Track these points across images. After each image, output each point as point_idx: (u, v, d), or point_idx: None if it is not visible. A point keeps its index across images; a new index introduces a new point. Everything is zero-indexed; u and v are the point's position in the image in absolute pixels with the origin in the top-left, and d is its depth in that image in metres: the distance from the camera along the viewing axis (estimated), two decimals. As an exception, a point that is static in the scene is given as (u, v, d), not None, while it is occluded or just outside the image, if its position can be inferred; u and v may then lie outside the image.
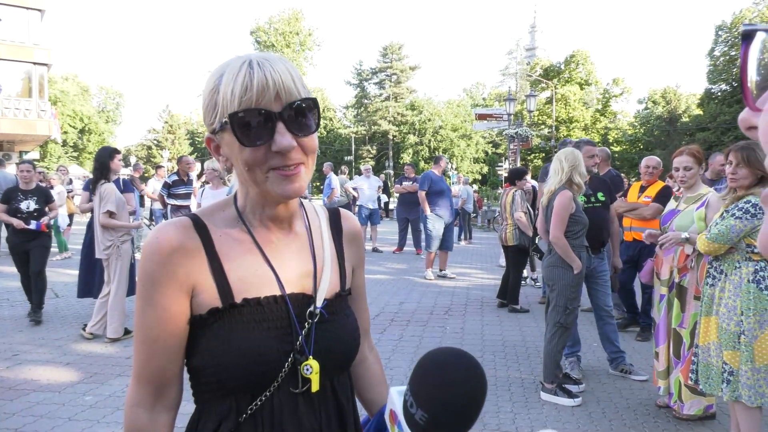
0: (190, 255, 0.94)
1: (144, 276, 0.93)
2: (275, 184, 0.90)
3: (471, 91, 60.95)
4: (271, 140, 0.87)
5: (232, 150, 0.91)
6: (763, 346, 2.90)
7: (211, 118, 0.92)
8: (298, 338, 0.96)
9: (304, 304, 0.99)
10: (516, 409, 3.92)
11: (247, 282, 0.96)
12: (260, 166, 0.89)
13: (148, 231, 9.20)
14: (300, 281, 1.01)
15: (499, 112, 25.68)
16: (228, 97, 0.87)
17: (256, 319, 0.93)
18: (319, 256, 1.05)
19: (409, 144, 48.66)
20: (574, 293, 3.97)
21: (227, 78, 0.88)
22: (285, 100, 0.87)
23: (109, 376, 4.43)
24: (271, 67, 0.87)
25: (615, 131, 45.92)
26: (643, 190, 5.64)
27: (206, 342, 0.93)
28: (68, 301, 7.06)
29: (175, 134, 55.52)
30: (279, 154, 0.88)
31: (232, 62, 0.90)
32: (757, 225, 2.93)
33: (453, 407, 0.81)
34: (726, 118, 34.66)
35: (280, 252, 1.01)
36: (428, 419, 0.80)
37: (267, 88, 0.86)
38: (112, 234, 5.34)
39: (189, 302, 0.94)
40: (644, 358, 4.99)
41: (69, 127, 48.77)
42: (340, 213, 1.17)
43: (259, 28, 49.41)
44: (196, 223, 0.97)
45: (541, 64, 49.20)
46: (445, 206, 8.85)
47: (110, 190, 5.29)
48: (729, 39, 36.25)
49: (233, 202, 1.02)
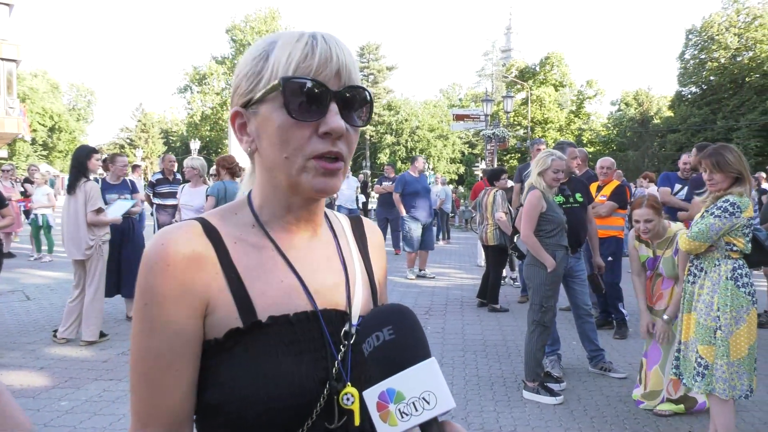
0: (203, 265, 0.78)
1: (147, 293, 0.77)
2: (312, 176, 0.78)
3: (447, 91, 61.25)
4: (321, 120, 0.76)
5: (267, 126, 0.78)
6: (738, 342, 2.97)
7: (250, 85, 0.79)
8: (335, 363, 0.81)
9: (338, 322, 0.84)
10: (499, 408, 3.94)
11: (272, 296, 0.81)
12: (302, 149, 0.76)
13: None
14: (331, 294, 0.86)
15: (476, 113, 25.87)
16: (283, 62, 0.76)
17: (285, 342, 0.78)
18: (349, 266, 0.91)
19: (386, 144, 48.70)
20: (549, 291, 4.01)
21: (284, 43, 0.77)
22: (344, 81, 0.78)
23: (85, 380, 4.33)
24: (336, 43, 0.78)
25: (589, 132, 46.62)
26: (600, 189, 6.03)
27: (225, 371, 0.77)
28: (40, 304, 6.89)
29: (149, 133, 54.68)
30: (325, 138, 0.76)
31: (289, 32, 0.80)
32: (736, 223, 3.00)
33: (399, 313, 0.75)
34: (696, 120, 35.46)
35: (306, 259, 0.87)
36: (392, 329, 0.72)
37: (330, 60, 0.76)
38: (95, 233, 5.23)
39: (202, 323, 0.78)
40: (622, 356, 5.06)
41: (38, 125, 47.67)
42: (363, 221, 1.04)
43: (235, 26, 48.91)
44: (206, 227, 0.82)
45: (517, 65, 49.72)
46: (422, 207, 8.85)
47: (95, 188, 5.24)
48: (699, 43, 37.08)
49: (247, 202, 0.88)
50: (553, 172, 4.03)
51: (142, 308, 0.78)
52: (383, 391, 0.70)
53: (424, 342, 0.73)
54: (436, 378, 0.69)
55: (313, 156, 0.77)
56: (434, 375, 0.69)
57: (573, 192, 4.71)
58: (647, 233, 3.71)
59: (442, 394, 0.68)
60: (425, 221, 8.90)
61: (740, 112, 33.92)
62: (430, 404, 0.68)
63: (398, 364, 0.70)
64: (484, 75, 57.54)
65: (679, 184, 6.19)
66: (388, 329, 0.72)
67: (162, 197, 7.53)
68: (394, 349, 0.71)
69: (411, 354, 0.71)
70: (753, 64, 34.64)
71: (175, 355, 0.77)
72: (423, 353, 0.71)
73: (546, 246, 4.03)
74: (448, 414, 0.72)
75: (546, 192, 4.08)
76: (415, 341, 0.73)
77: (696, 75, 37.43)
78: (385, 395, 0.70)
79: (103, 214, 5.29)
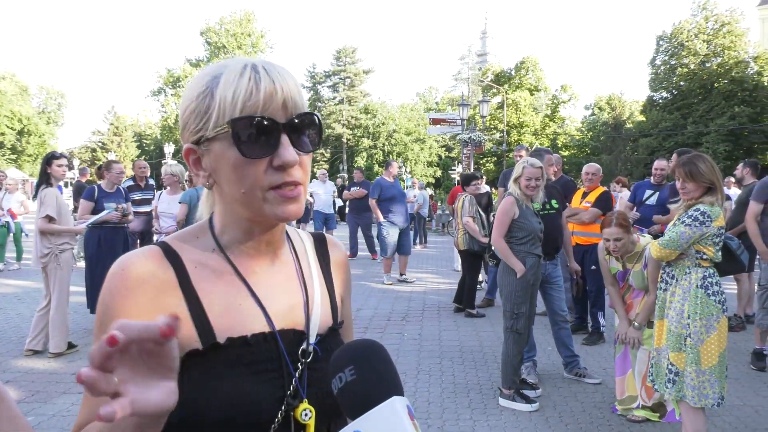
0: (163, 289, 0.81)
1: (105, 315, 0.79)
2: (275, 206, 0.80)
3: (424, 95, 61.48)
4: (273, 154, 0.77)
5: (221, 163, 0.80)
6: (708, 350, 3.01)
7: (199, 124, 0.80)
8: (292, 381, 0.84)
9: (296, 342, 0.87)
10: (475, 416, 3.94)
11: (231, 318, 0.83)
12: (259, 183, 0.78)
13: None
14: (290, 315, 0.89)
15: (452, 117, 25.97)
16: (228, 101, 0.76)
17: (243, 362, 0.81)
18: (309, 286, 0.94)
19: (363, 147, 48.69)
20: (520, 298, 4.03)
21: (227, 80, 0.78)
22: (291, 112, 0.79)
23: (52, 394, 4.21)
24: (278, 73, 0.79)
25: (563, 136, 47.27)
26: (585, 195, 5.98)
27: (185, 391, 0.74)
28: (7, 314, 6.70)
29: (122, 136, 53.74)
30: (280, 171, 0.78)
31: (230, 64, 0.80)
32: (706, 232, 3.05)
33: (364, 350, 0.75)
34: (667, 125, 36.22)
35: (266, 283, 0.89)
36: (353, 369, 0.72)
37: (275, 94, 0.77)
38: (51, 241, 5.07)
39: None
40: (597, 362, 5.11)
41: (6, 128, 46.53)
42: (326, 239, 1.07)
43: (210, 29, 48.50)
44: (167, 251, 0.84)
45: (493, 69, 50.17)
46: (398, 212, 8.84)
47: (50, 195, 5.05)
48: (669, 49, 37.89)
49: (208, 226, 0.90)
50: (525, 179, 4.06)
51: (101, 330, 0.79)
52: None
53: (388, 380, 0.72)
54: (398, 419, 0.68)
55: (270, 188, 0.79)
56: (396, 416, 0.68)
57: (549, 198, 4.74)
58: (617, 251, 3.76)
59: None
60: (402, 226, 8.90)
61: (709, 117, 34.76)
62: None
63: (362, 406, 0.69)
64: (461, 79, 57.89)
65: (650, 190, 6.28)
66: (349, 370, 0.72)
67: (134, 204, 7.35)
68: (357, 390, 0.71)
69: (373, 395, 0.70)
70: (721, 70, 35.54)
71: None
72: (386, 392, 0.70)
73: (516, 252, 4.05)
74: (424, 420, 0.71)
75: (521, 199, 4.10)
76: (378, 381, 0.72)
77: (667, 80, 38.24)
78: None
79: (61, 222, 5.10)
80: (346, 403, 0.72)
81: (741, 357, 5.23)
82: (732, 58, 35.38)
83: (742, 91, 34.93)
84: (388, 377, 0.73)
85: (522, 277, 4.00)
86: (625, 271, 3.86)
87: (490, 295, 7.50)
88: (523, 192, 4.09)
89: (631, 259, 3.82)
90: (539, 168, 4.07)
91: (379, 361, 0.74)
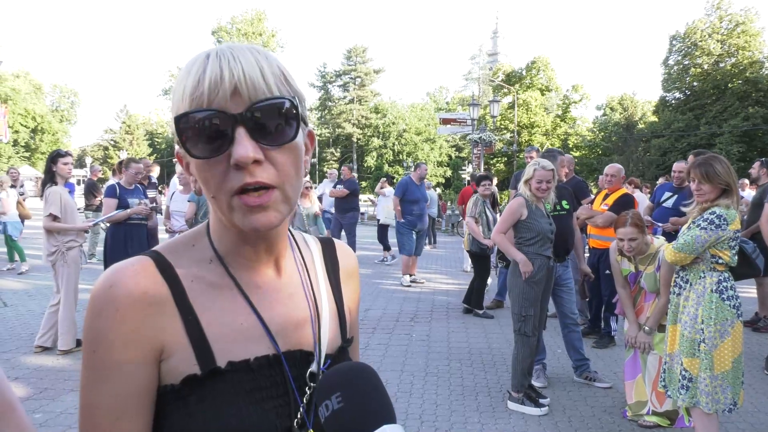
0: (157, 307, 0.72)
1: (94, 339, 0.70)
2: (240, 216, 0.69)
3: (434, 95, 61.43)
4: (227, 151, 0.67)
5: (191, 167, 0.72)
6: (722, 355, 2.96)
7: (174, 127, 0.72)
8: (299, 410, 0.76)
9: (303, 364, 0.79)
10: (483, 419, 3.89)
11: (231, 339, 0.75)
12: (221, 187, 0.68)
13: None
14: (296, 334, 0.81)
15: (462, 117, 25.90)
16: (178, 98, 0.68)
17: (245, 389, 0.73)
18: (318, 301, 0.86)
19: (373, 147, 48.72)
20: (528, 301, 3.98)
21: (182, 74, 0.69)
22: (248, 99, 0.67)
23: (60, 391, 4.22)
24: (231, 56, 0.67)
25: (575, 136, 46.99)
26: (606, 197, 5.83)
27: (180, 421, 0.71)
28: (17, 310, 6.73)
29: (134, 135, 54.17)
30: (239, 170, 0.67)
31: (192, 58, 0.71)
32: (721, 235, 2.98)
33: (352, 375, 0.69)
34: (680, 126, 35.87)
35: (269, 297, 0.80)
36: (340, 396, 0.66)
37: (221, 81, 0.66)
38: (57, 239, 5.09)
39: (157, 370, 0.72)
40: (608, 366, 5.05)
41: (20, 126, 47.03)
42: (335, 245, 0.97)
43: (221, 28, 48.69)
44: (160, 263, 0.75)
45: (504, 69, 49.98)
46: (418, 215, 8.81)
47: (54, 194, 5.06)
48: (682, 49, 37.53)
49: (205, 232, 0.81)
50: (536, 182, 4.02)
51: (89, 356, 0.71)
52: None
53: (378, 408, 0.66)
54: None
55: (234, 192, 0.68)
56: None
57: (559, 199, 4.69)
58: (631, 251, 3.70)
59: None
60: (419, 229, 8.87)
61: (723, 118, 34.39)
62: None
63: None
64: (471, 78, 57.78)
65: (669, 192, 6.20)
66: (336, 397, 0.66)
67: None
68: (345, 420, 0.65)
69: (363, 423, 0.64)
70: (735, 70, 35.16)
71: (123, 409, 0.71)
72: (374, 421, 0.65)
73: (525, 254, 4.01)
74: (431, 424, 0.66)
75: (531, 200, 4.06)
76: (367, 407, 0.66)
77: (680, 81, 37.88)
78: None
79: (65, 220, 5.10)
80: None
81: (755, 362, 5.14)
82: (746, 59, 34.97)
83: (757, 91, 34.53)
84: (379, 404, 0.67)
85: (530, 279, 3.95)
86: (637, 273, 3.80)
87: (500, 296, 7.45)
88: (534, 194, 4.05)
89: (643, 261, 3.76)
90: (550, 170, 4.02)
91: (368, 386, 0.68)
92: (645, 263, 3.75)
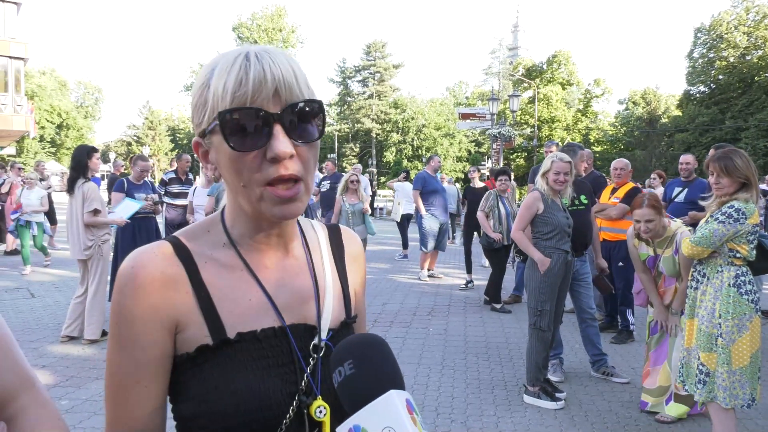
0: (173, 286, 0.81)
1: (118, 313, 0.80)
2: (270, 206, 0.77)
3: (454, 89, 61.06)
4: (266, 146, 0.75)
5: (220, 157, 0.78)
6: (740, 350, 2.94)
7: (200, 117, 0.79)
8: (304, 376, 0.84)
9: (307, 336, 0.86)
10: (499, 412, 3.92)
11: (241, 314, 0.83)
12: (254, 178, 0.76)
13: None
14: (300, 309, 0.88)
15: (482, 112, 25.80)
16: (219, 93, 0.75)
17: (253, 357, 0.81)
18: (320, 280, 0.93)
19: (393, 142, 48.68)
20: (544, 296, 3.98)
21: (219, 71, 0.76)
22: (285, 101, 0.75)
23: (86, 379, 4.34)
24: (270, 60, 0.75)
25: (596, 131, 46.40)
26: (615, 191, 5.89)
27: (196, 386, 0.80)
28: (44, 302, 6.92)
29: (156, 130, 54.81)
30: (274, 164, 0.75)
31: (227, 54, 0.78)
32: (740, 229, 2.96)
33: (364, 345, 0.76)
34: (704, 120, 35.22)
35: (277, 277, 0.88)
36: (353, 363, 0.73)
37: (264, 83, 0.74)
38: (94, 234, 5.26)
39: (173, 340, 0.81)
40: (625, 361, 5.02)
41: (46, 122, 47.97)
42: (341, 231, 1.04)
43: (242, 24, 48.95)
44: (177, 247, 0.84)
45: (524, 63, 49.46)
46: (439, 205, 8.83)
47: (94, 189, 5.25)
48: (708, 41, 36.80)
49: (220, 219, 0.89)
50: (554, 174, 4.00)
51: (114, 327, 0.81)
52: (351, 428, 0.70)
53: (387, 374, 0.73)
54: (395, 413, 0.68)
55: (266, 183, 0.76)
56: (393, 410, 0.68)
57: (578, 194, 4.67)
58: (648, 233, 3.67)
59: (401, 430, 0.67)
60: (442, 220, 8.87)
61: (749, 112, 33.67)
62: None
63: (361, 400, 0.70)
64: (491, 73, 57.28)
65: (679, 187, 6.14)
66: (348, 364, 0.73)
67: (173, 196, 7.61)
68: (356, 385, 0.72)
69: (372, 388, 0.70)
70: (762, 63, 34.35)
71: (143, 373, 0.80)
72: (384, 386, 0.70)
73: (543, 249, 4.01)
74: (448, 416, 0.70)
75: (547, 194, 4.05)
76: (377, 373, 0.72)
77: (704, 74, 37.17)
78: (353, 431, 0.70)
79: (102, 214, 5.30)
80: (345, 397, 0.72)
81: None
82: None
83: (784, 85, 33.75)
84: (388, 371, 0.73)
85: (547, 273, 3.95)
86: (656, 257, 3.77)
87: (518, 291, 7.45)
88: (551, 187, 4.04)
89: (661, 244, 3.73)
90: (568, 163, 4.01)
91: (378, 355, 0.74)
92: (663, 246, 3.72)
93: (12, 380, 0.81)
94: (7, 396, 0.79)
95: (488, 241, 6.92)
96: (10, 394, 0.80)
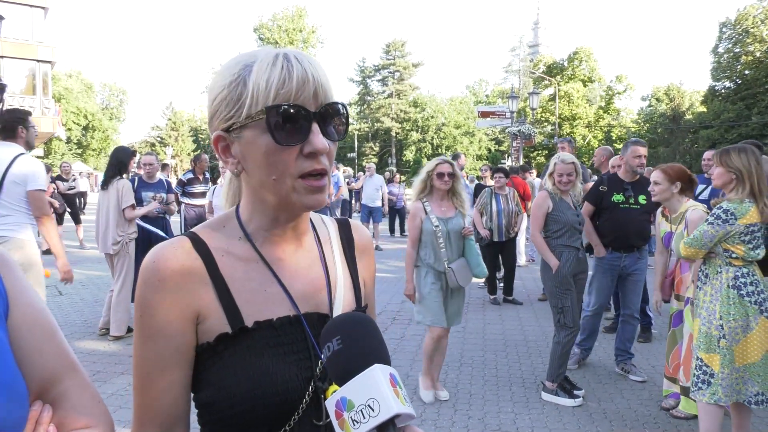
0: (192, 278, 0.85)
1: (142, 305, 0.85)
2: (301, 195, 0.83)
3: (474, 88, 60.84)
4: (304, 141, 0.80)
5: (252, 150, 0.82)
6: (745, 348, 2.90)
7: (231, 111, 0.82)
8: (319, 363, 0.87)
9: (320, 325, 0.88)
10: (517, 409, 3.93)
11: (257, 303, 0.88)
12: (289, 170, 0.81)
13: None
14: (314, 299, 0.93)
15: (502, 110, 25.63)
16: (261, 89, 0.79)
17: (270, 344, 0.86)
18: (331, 271, 0.98)
19: (412, 141, 48.68)
20: (562, 293, 4.02)
21: (260, 68, 0.80)
22: (321, 100, 0.82)
23: (111, 374, 4.46)
24: (309, 62, 0.81)
25: (618, 128, 45.82)
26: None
27: (216, 372, 0.85)
28: (72, 299, 7.10)
29: (179, 131, 55.62)
30: (310, 158, 0.81)
31: (261, 53, 0.83)
32: (730, 230, 2.93)
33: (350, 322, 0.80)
34: (730, 116, 34.56)
35: (291, 268, 0.93)
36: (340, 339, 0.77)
37: (307, 82, 0.80)
38: (123, 230, 5.43)
39: (194, 330, 0.86)
40: (645, 359, 4.99)
41: (73, 124, 48.92)
42: (350, 224, 1.09)
43: (263, 25, 49.41)
44: (196, 242, 0.89)
45: (544, 60, 49.09)
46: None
47: (128, 185, 5.48)
48: (733, 36, 36.11)
49: (235, 215, 0.94)
50: (557, 175, 4.08)
51: (138, 319, 0.86)
52: (338, 400, 0.74)
53: (372, 349, 0.76)
54: (377, 385, 0.71)
55: (299, 175, 0.82)
56: (376, 383, 0.72)
57: (636, 193, 4.61)
58: (655, 196, 3.79)
59: (384, 402, 0.70)
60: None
61: (776, 107, 32.96)
62: (375, 411, 0.70)
63: (348, 373, 0.74)
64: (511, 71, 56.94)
65: (703, 185, 6.07)
66: (336, 339, 0.77)
67: (191, 197, 7.72)
68: (343, 359, 0.75)
69: (357, 362, 0.74)
70: (791, 57, 33.61)
71: (167, 362, 0.85)
72: (369, 361, 0.74)
73: (552, 247, 4.07)
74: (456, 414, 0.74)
75: (555, 193, 4.11)
76: (362, 349, 0.76)
77: (730, 69, 36.49)
78: (340, 404, 0.74)
79: (136, 208, 5.55)
80: (333, 371, 0.77)
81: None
82: (803, 45, 33.41)
83: (814, 79, 32.97)
84: (373, 347, 0.77)
85: (559, 272, 4.00)
86: (671, 234, 3.78)
87: None
88: (557, 187, 4.10)
89: (675, 220, 3.78)
90: (570, 164, 4.06)
91: (364, 331, 0.78)
92: (676, 222, 3.75)
93: (56, 365, 0.86)
94: (52, 379, 0.84)
95: (478, 237, 6.98)
96: (54, 378, 0.85)
